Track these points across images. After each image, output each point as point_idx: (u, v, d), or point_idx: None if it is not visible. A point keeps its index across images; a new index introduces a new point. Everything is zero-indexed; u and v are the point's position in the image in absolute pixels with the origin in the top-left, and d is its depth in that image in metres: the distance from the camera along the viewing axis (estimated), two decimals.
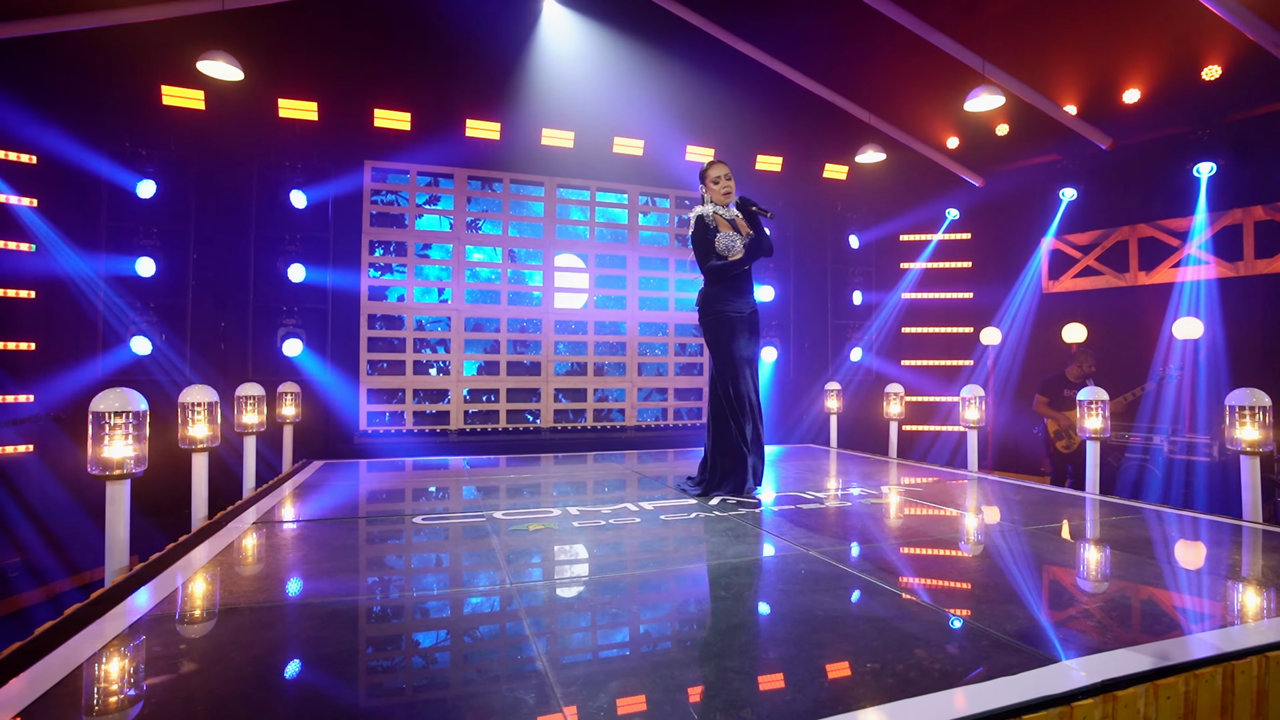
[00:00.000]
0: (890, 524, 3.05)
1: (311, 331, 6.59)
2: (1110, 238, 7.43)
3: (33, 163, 5.88)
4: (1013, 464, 7.81)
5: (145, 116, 6.12)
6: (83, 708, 1.37)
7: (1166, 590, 2.08)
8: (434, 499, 3.72)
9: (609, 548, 2.66)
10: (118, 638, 1.71)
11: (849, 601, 2.02)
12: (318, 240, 6.67)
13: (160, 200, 6.16)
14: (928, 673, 1.50)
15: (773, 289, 8.13)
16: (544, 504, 3.55)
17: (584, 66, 7.09)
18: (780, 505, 3.46)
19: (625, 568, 2.42)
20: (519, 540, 2.74)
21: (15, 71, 5.64)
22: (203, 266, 6.33)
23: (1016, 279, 8.02)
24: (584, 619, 1.90)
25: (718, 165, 3.93)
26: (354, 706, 1.37)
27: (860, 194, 8.51)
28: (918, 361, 8.60)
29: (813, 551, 2.54)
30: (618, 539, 2.78)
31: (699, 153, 7.90)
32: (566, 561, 2.50)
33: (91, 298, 5.97)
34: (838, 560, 2.41)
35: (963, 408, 4.84)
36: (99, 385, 5.84)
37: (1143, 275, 7.22)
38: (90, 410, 2.29)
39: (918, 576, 2.26)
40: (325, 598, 2.05)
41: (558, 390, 7.68)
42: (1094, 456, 4.04)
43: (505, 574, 2.27)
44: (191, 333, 6.29)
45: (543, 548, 2.65)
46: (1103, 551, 2.62)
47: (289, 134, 6.54)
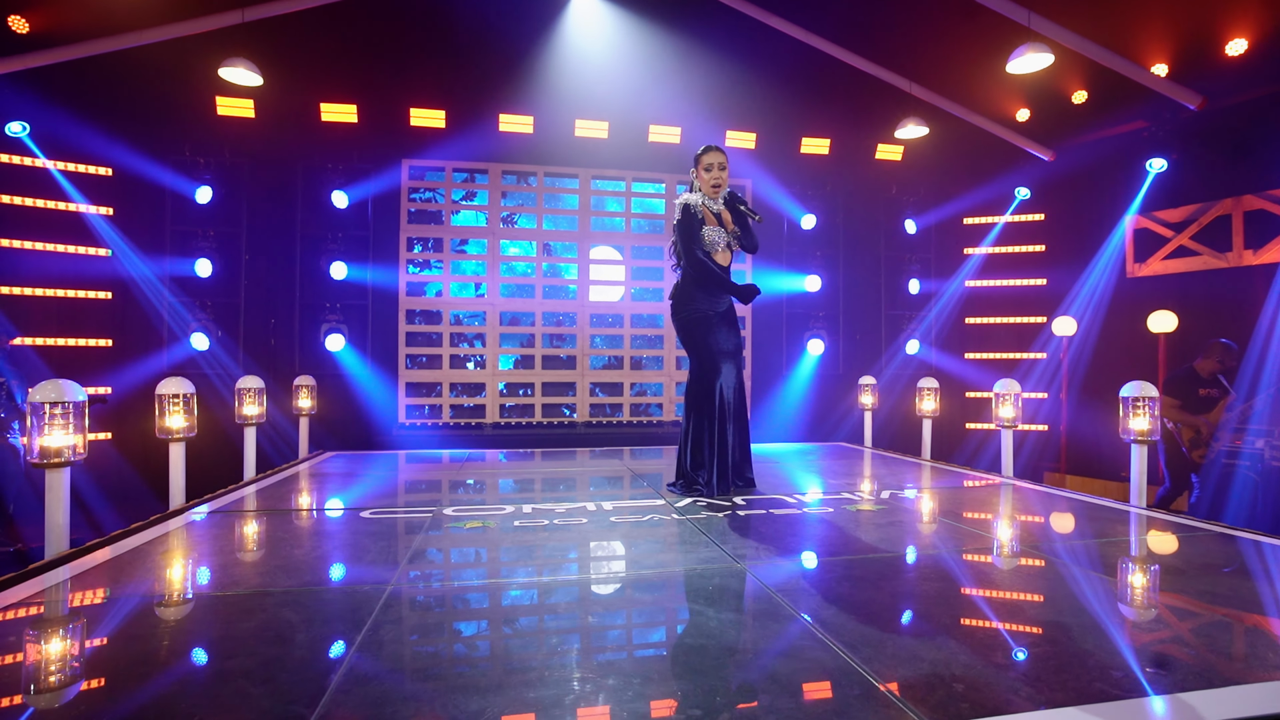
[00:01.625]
0: (855, 536, 2.78)
1: (353, 327, 6.86)
2: (1208, 213, 6.54)
3: (108, 175, 6.44)
4: (1087, 467, 7.07)
5: (202, 126, 6.55)
6: None
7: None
8: (408, 493, 3.75)
9: (522, 551, 2.56)
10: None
11: (727, 627, 1.83)
12: (358, 238, 6.93)
13: (216, 204, 6.58)
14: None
15: (819, 279, 7.72)
16: (502, 501, 3.50)
17: (616, 55, 6.98)
18: (753, 509, 3.24)
19: (514, 574, 2.32)
20: (446, 539, 2.69)
21: (91, 92, 6.16)
22: (254, 266, 6.72)
23: (1098, 263, 7.22)
24: (398, 625, 1.81)
25: (713, 152, 3.72)
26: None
27: (917, 175, 7.94)
28: (982, 355, 7.94)
29: (741, 564, 2.34)
30: (545, 541, 2.68)
31: (739, 137, 7.61)
32: (461, 564, 2.43)
33: (157, 297, 6.47)
34: (762, 577, 2.20)
35: (996, 405, 4.38)
36: (163, 378, 6.32)
37: (1249, 255, 6.31)
38: (29, 401, 2.43)
39: (837, 606, 2.01)
40: (206, 589, 2.09)
41: (594, 384, 7.64)
42: (1137, 462, 3.54)
43: (402, 571, 2.22)
44: (244, 329, 6.70)
45: (459, 547, 2.59)
46: (1139, 620, 2.18)
47: (331, 136, 6.82)
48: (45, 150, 6.10)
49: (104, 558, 2.44)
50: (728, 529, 2.84)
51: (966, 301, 8.00)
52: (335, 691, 1.42)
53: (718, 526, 2.89)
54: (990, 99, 7.18)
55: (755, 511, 3.18)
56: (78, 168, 6.28)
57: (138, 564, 2.40)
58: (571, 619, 1.89)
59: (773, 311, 7.76)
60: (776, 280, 7.74)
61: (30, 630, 1.80)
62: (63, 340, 6.21)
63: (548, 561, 2.50)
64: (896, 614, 1.92)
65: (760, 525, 2.92)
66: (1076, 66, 6.69)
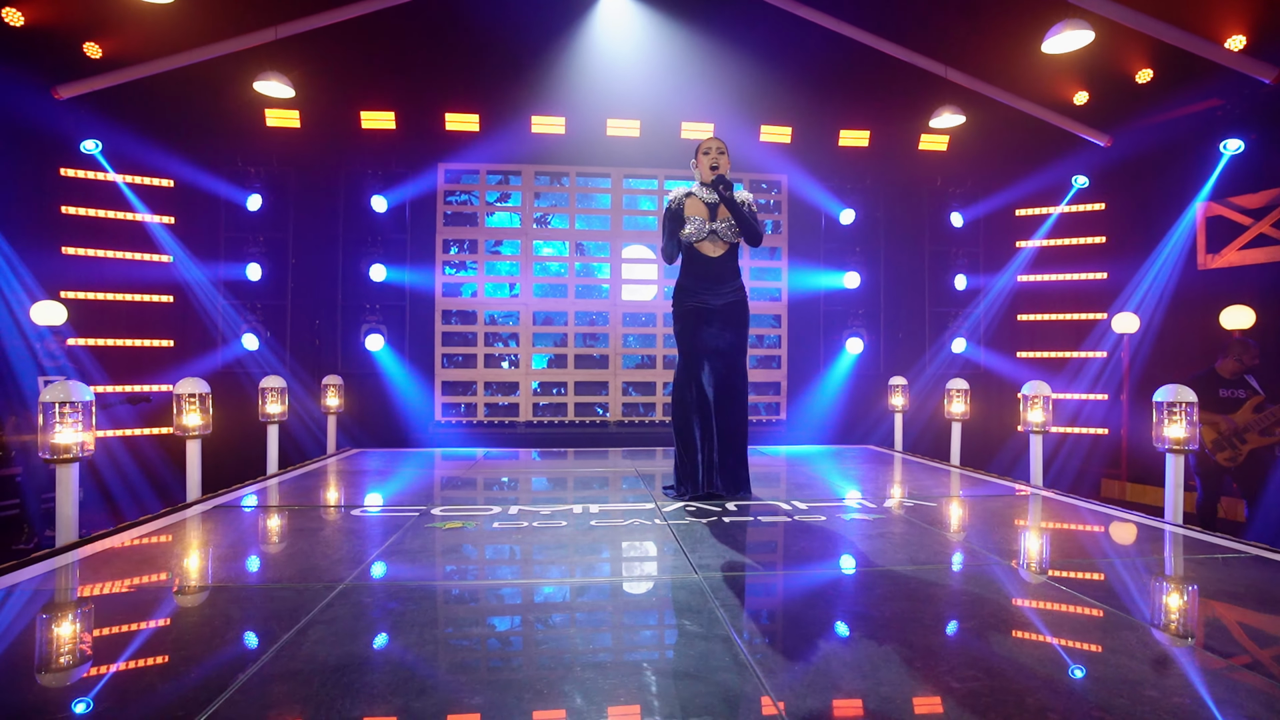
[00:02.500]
0: (833, 548, 2.66)
1: (391, 327, 7.10)
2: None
3: (170, 186, 6.88)
4: (1150, 475, 6.57)
5: (253, 137, 6.91)
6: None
7: None
8: (408, 491, 3.84)
9: (488, 552, 2.59)
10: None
11: (639, 644, 1.78)
12: (396, 241, 7.16)
13: (265, 211, 6.94)
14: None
15: (859, 275, 7.47)
16: (492, 501, 3.54)
17: (646, 53, 6.95)
18: (741, 515, 3.16)
19: (463, 577, 2.33)
20: (418, 539, 2.74)
21: (154, 110, 6.59)
22: (299, 270, 7.05)
23: (1160, 254, 6.69)
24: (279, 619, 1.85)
25: (711, 139, 3.58)
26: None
27: (964, 166, 7.56)
28: (1036, 354, 7.50)
29: (697, 575, 2.29)
30: (513, 544, 2.69)
31: (774, 132, 7.45)
32: (419, 564, 2.47)
33: (212, 300, 6.88)
34: (714, 589, 2.15)
35: (1025, 408, 4.12)
36: (217, 376, 6.74)
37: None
38: (40, 401, 2.62)
39: (779, 624, 1.94)
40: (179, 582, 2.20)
41: (627, 383, 7.65)
42: (1173, 474, 3.26)
43: (362, 570, 2.29)
44: (290, 330, 7.04)
45: (427, 547, 2.64)
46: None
47: (370, 143, 7.07)
48: (114, 165, 6.57)
49: (103, 547, 2.61)
50: (705, 536, 2.78)
51: (1018, 297, 7.58)
52: (237, 690, 1.47)
53: (696, 533, 2.83)
54: (1043, 83, 6.76)
55: (742, 518, 3.11)
56: (142, 180, 6.73)
57: (127, 556, 2.56)
58: (485, 626, 1.89)
59: (809, 309, 7.57)
60: (813, 278, 7.55)
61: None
62: (130, 341, 6.69)
63: (504, 565, 2.52)
64: (839, 637, 1.83)
65: (739, 533, 2.85)
66: (1140, 43, 6.22)
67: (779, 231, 7.70)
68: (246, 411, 6.73)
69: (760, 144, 7.44)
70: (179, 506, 3.29)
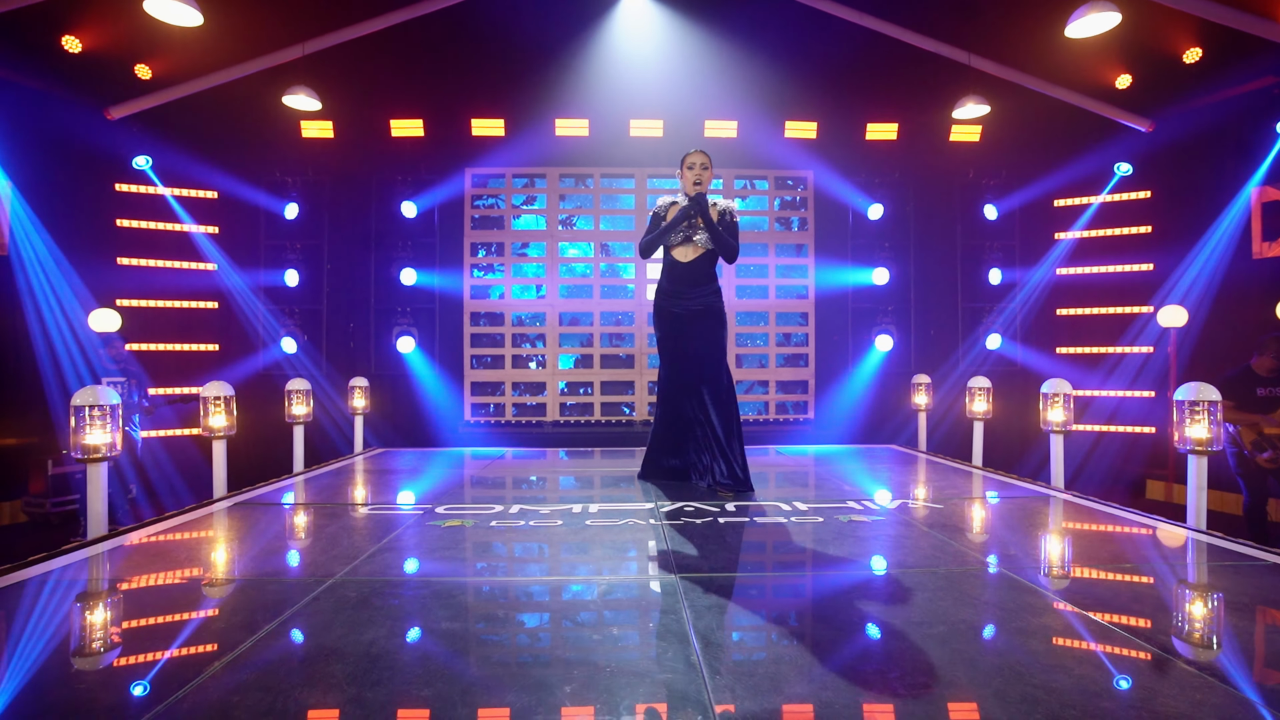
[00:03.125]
0: (823, 551, 2.63)
1: (422, 330, 7.29)
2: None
3: (214, 198, 7.22)
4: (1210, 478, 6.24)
5: (289, 148, 7.19)
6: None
7: None
8: (419, 489, 3.95)
9: (475, 549, 2.65)
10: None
11: (599, 643, 1.81)
12: (426, 245, 7.35)
13: (302, 219, 7.21)
14: None
15: (888, 271, 7.32)
16: (495, 500, 3.61)
17: (667, 53, 6.97)
18: (737, 516, 3.15)
19: (452, 574, 2.39)
20: (414, 536, 2.83)
21: (199, 125, 6.93)
22: (334, 275, 7.30)
23: (1209, 243, 6.35)
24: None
25: (696, 154, 3.75)
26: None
27: (998, 157, 7.33)
28: (1076, 349, 7.22)
29: (671, 575, 2.30)
30: (504, 542, 2.75)
31: (799, 128, 7.36)
32: (407, 560, 2.54)
33: (253, 306, 7.19)
34: (686, 592, 2.16)
35: (1044, 407, 3.98)
36: (257, 379, 7.05)
37: None
38: (71, 405, 2.81)
39: (747, 628, 1.93)
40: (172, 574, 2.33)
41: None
42: (1195, 476, 3.11)
43: (354, 567, 2.38)
44: (326, 333, 7.30)
45: (422, 544, 2.71)
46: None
47: (400, 150, 7.27)
48: (162, 179, 6.93)
49: (128, 541, 2.78)
50: (695, 536, 2.79)
51: (1057, 291, 7.31)
52: (209, 678, 1.56)
53: (686, 533, 2.84)
54: (1080, 68, 6.49)
55: (739, 519, 3.10)
56: (188, 193, 7.09)
57: (145, 549, 2.71)
58: (446, 621, 1.95)
59: (836, 306, 7.46)
60: (841, 274, 7.43)
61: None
62: (179, 346, 7.05)
63: (486, 561, 2.58)
64: (798, 640, 1.83)
65: (730, 534, 2.84)
66: (1186, 23, 5.93)
67: (805, 228, 7.61)
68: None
69: (785, 140, 7.36)
70: (204, 503, 3.47)
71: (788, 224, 7.71)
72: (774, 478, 4.40)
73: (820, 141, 7.36)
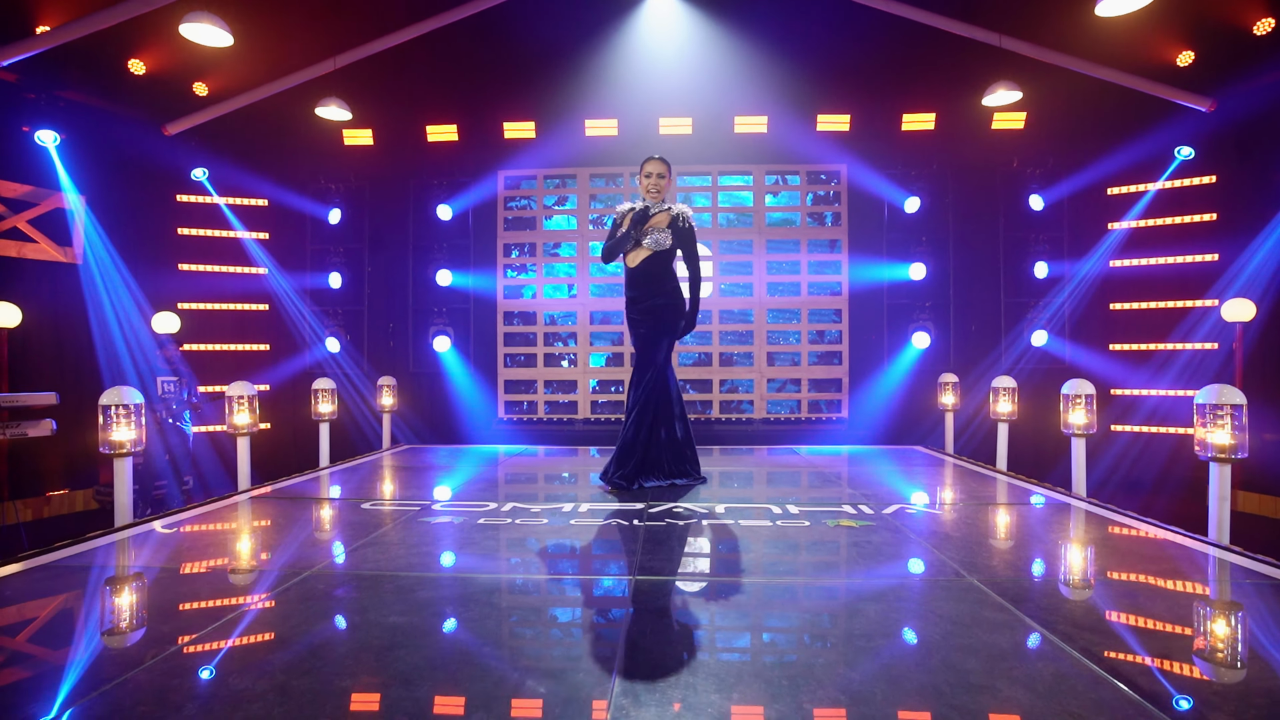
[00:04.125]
0: (787, 556, 2.60)
1: (457, 329, 7.51)
2: None
3: (264, 205, 7.63)
4: (1271, 483, 5.81)
5: (332, 156, 7.52)
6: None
7: None
8: (422, 486, 4.07)
9: (454, 543, 2.72)
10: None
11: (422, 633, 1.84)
12: (460, 247, 7.55)
13: (344, 224, 7.53)
14: None
15: (925, 266, 7.09)
16: (489, 498, 3.68)
17: (695, 49, 6.95)
18: (723, 519, 3.14)
19: (412, 568, 2.47)
20: (398, 531, 2.93)
21: (250, 137, 7.33)
22: (374, 277, 7.60)
23: (1278, 231, 5.88)
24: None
25: (652, 162, 3.89)
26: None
27: (1044, 144, 6.97)
28: (1131, 345, 6.81)
29: (629, 576, 2.32)
30: (478, 538, 2.82)
31: (831, 121, 7.20)
32: (382, 554, 2.63)
33: (299, 307, 7.56)
34: (630, 589, 2.18)
35: (1065, 408, 3.77)
36: (303, 376, 7.41)
37: None
38: (99, 404, 3.05)
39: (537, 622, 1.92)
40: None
41: (686, 381, 7.66)
42: (1217, 486, 2.90)
43: (333, 559, 2.49)
44: (367, 333, 7.61)
45: (403, 539, 2.81)
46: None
47: (435, 155, 7.49)
48: (217, 189, 7.36)
49: (145, 529, 2.99)
50: (665, 539, 2.80)
51: (1110, 284, 6.90)
52: (160, 659, 1.68)
53: (657, 535, 2.85)
54: (1134, 45, 6.10)
55: (724, 521, 3.09)
56: (240, 201, 7.50)
57: (157, 538, 2.92)
58: (385, 612, 2.02)
59: (871, 302, 7.27)
60: (876, 270, 7.23)
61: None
62: (233, 346, 7.49)
63: (455, 555, 2.65)
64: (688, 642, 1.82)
65: (698, 536, 2.83)
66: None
67: (838, 223, 7.44)
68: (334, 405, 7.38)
69: (817, 134, 7.21)
70: (224, 496, 3.69)
71: (820, 219, 7.55)
72: (782, 479, 4.35)
73: (854, 134, 7.18)
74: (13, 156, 6.06)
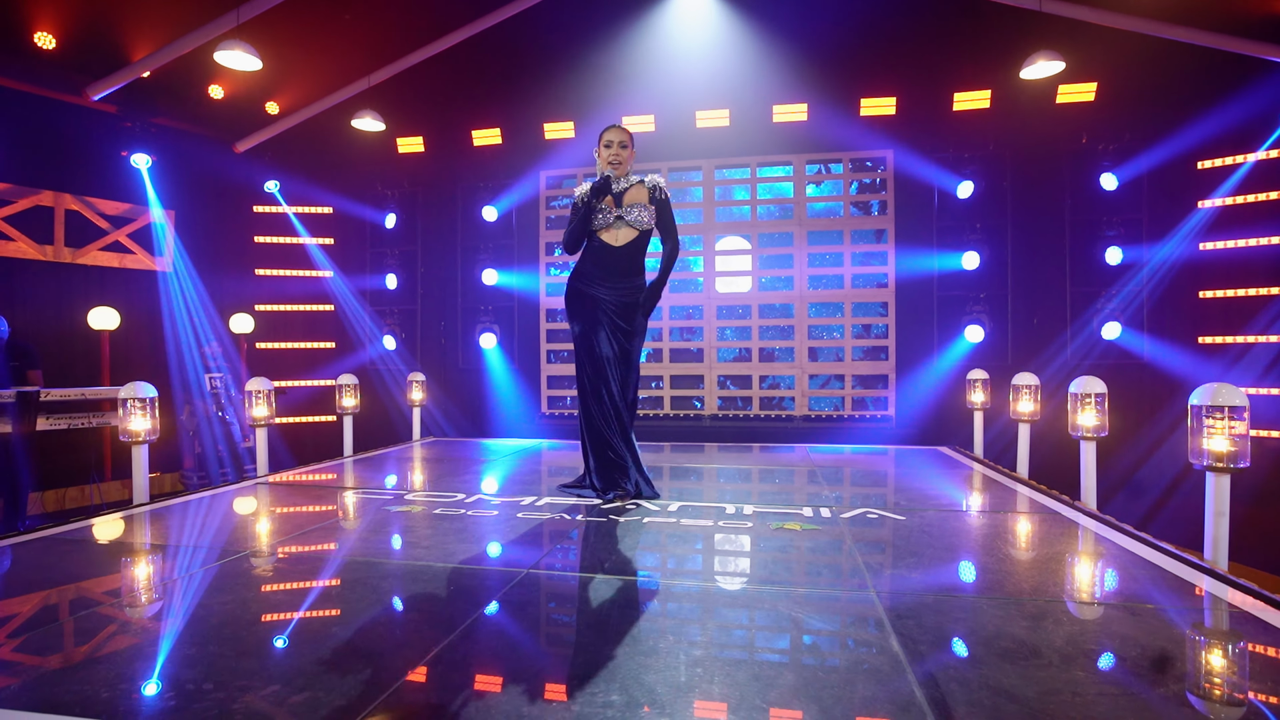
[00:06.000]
0: (703, 557, 2.53)
1: (503, 327, 7.77)
2: None
3: (329, 213, 8.21)
4: None
5: (388, 164, 7.97)
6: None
7: None
8: (418, 476, 4.24)
9: (401, 530, 2.82)
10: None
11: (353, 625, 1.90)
12: (504, 247, 7.81)
13: (399, 228, 7.98)
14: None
15: (978, 255, 6.61)
16: (462, 489, 3.79)
17: (729, 39, 6.84)
18: (666, 518, 3.09)
19: (352, 553, 2.57)
20: (364, 519, 3.09)
21: (314, 149, 7.92)
22: (426, 277, 8.00)
23: None
24: None
25: (613, 130, 3.38)
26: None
27: (1118, 117, 6.31)
28: (1224, 338, 6.04)
29: (526, 570, 2.34)
30: (426, 527, 2.90)
31: (876, 105, 6.86)
32: (330, 539, 2.76)
33: (359, 308, 8.08)
34: (532, 583, 2.20)
35: (1074, 409, 3.40)
36: (362, 371, 7.92)
37: None
38: (119, 397, 3.42)
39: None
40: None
41: (725, 377, 7.56)
42: (1214, 499, 2.53)
43: (277, 539, 2.67)
44: (420, 331, 8.02)
45: (364, 526, 2.95)
46: None
47: (480, 158, 7.78)
48: (288, 199, 8.01)
49: (163, 505, 3.33)
50: (606, 535, 2.79)
51: (1198, 269, 6.16)
52: (109, 639, 1.89)
53: (595, 531, 2.85)
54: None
55: (667, 520, 3.04)
56: (308, 209, 8.12)
57: (167, 512, 3.23)
58: (298, 594, 2.12)
59: (919, 294, 6.86)
60: (925, 260, 6.83)
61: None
62: (303, 344, 8.12)
63: (394, 542, 2.75)
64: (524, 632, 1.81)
65: (631, 536, 2.81)
66: None
67: (884, 213, 7.06)
68: (385, 399, 7.89)
69: (860, 120, 6.88)
70: (234, 482, 4.04)
71: (865, 208, 7.20)
72: (770, 476, 4.21)
73: (900, 118, 6.80)
74: (113, 178, 6.86)
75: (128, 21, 5.93)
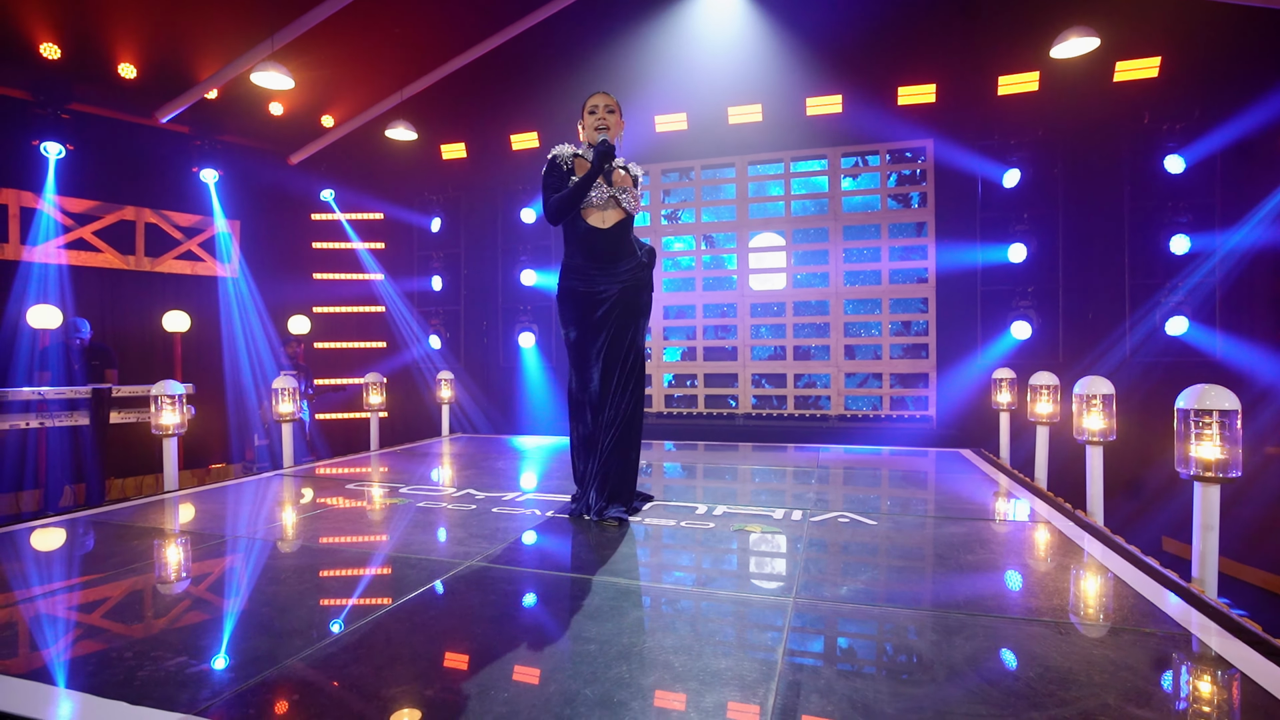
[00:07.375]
0: (648, 557, 2.51)
1: (540, 326, 7.94)
2: None
3: (380, 219, 8.63)
4: None
5: (433, 170, 8.29)
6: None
7: None
8: (421, 471, 4.37)
9: (379, 521, 2.94)
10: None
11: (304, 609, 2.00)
12: (542, 248, 7.97)
13: (443, 232, 8.28)
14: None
15: (1025, 247, 6.23)
16: (453, 484, 3.89)
17: (760, 33, 6.75)
18: (636, 519, 3.09)
19: (340, 542, 2.71)
20: (346, 509, 3.24)
21: (364, 159, 8.35)
22: (469, 279, 8.27)
23: None
24: None
25: (599, 95, 3.12)
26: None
27: (1184, 94, 5.80)
28: None
29: (472, 561, 2.40)
30: (399, 520, 3.01)
31: (914, 93, 6.58)
32: (312, 529, 2.90)
33: (406, 308, 8.45)
34: (469, 576, 2.26)
35: (1079, 410, 3.15)
36: (408, 369, 8.29)
37: None
38: (150, 394, 3.74)
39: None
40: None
41: (760, 375, 7.45)
42: (1202, 513, 2.30)
43: (264, 528, 2.86)
44: (464, 330, 8.30)
45: (347, 517, 3.09)
46: None
47: (519, 162, 7.96)
48: (341, 207, 8.47)
49: (189, 491, 3.62)
50: (567, 534, 2.83)
51: (1277, 260, 5.56)
52: (97, 614, 2.10)
53: (559, 529, 2.88)
54: None
55: (632, 520, 3.04)
56: (360, 216, 8.55)
57: (188, 499, 3.51)
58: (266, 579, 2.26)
59: (962, 289, 6.53)
60: (967, 254, 6.50)
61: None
62: (356, 344, 8.57)
63: (361, 532, 2.86)
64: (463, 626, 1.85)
65: (592, 535, 2.82)
66: None
67: (924, 205, 6.76)
68: (429, 397, 8.21)
69: (898, 109, 6.61)
70: (264, 473, 4.33)
71: (905, 201, 6.92)
72: (764, 476, 4.12)
73: (940, 105, 6.48)
74: (185, 192, 7.47)
75: (188, 49, 6.44)
